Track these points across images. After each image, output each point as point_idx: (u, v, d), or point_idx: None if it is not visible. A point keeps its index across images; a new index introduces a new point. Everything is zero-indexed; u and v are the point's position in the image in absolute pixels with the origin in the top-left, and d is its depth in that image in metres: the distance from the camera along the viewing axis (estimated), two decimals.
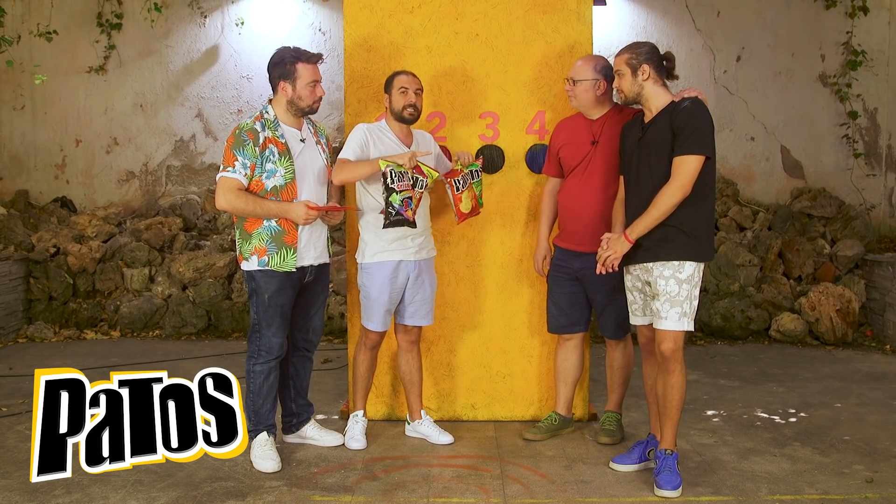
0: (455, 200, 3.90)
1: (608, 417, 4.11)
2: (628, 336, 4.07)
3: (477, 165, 3.97)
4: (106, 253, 7.14)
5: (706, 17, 7.60)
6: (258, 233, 3.62)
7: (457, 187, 3.88)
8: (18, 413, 4.54)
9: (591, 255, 3.80)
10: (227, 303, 6.92)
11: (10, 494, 3.39)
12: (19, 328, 6.79)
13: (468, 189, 3.92)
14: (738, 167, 7.67)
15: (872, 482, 3.52)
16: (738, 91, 7.62)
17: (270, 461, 3.66)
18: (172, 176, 7.91)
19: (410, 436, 4.13)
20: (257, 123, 3.62)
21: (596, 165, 3.84)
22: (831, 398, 4.89)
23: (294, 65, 3.64)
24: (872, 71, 7.52)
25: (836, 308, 6.45)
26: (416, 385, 4.11)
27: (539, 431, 4.09)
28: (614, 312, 3.94)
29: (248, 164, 3.56)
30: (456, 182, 3.88)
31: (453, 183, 3.88)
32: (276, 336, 3.69)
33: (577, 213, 3.90)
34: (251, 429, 3.74)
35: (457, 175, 3.89)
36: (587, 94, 3.84)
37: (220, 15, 7.75)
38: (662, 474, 3.40)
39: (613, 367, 4.10)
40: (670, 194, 3.32)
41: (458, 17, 4.26)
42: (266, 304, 3.65)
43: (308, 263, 3.74)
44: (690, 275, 3.39)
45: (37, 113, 7.87)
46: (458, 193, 3.89)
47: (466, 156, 3.94)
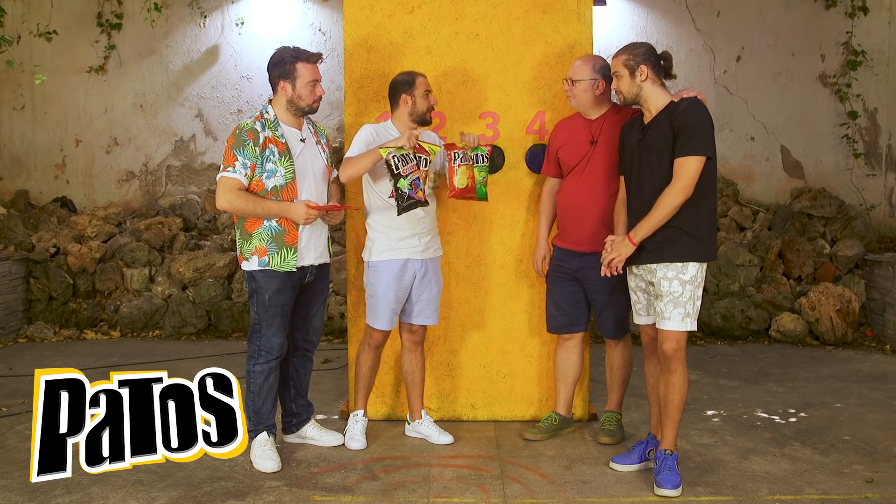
0: (449, 172, 3.81)
1: (608, 417, 4.11)
2: (628, 336, 4.07)
3: (483, 150, 3.87)
4: (106, 253, 7.14)
5: (706, 17, 7.60)
6: (258, 233, 3.62)
7: (454, 159, 3.80)
8: (18, 413, 4.54)
9: (591, 255, 3.81)
10: (227, 303, 6.92)
11: (10, 494, 3.39)
12: (19, 328, 6.79)
13: (467, 167, 3.82)
14: (738, 167, 7.67)
15: (872, 482, 3.52)
16: (738, 91, 7.62)
17: (270, 461, 3.66)
18: (172, 176, 7.91)
19: (410, 436, 4.13)
20: (257, 123, 3.62)
21: (595, 165, 3.84)
22: (831, 398, 4.89)
23: (294, 64, 3.64)
24: (872, 71, 7.52)
25: (836, 308, 6.45)
26: (418, 385, 4.11)
27: (539, 431, 4.09)
28: (614, 312, 3.94)
29: (249, 164, 3.55)
30: (455, 154, 3.81)
31: (452, 155, 3.81)
32: (276, 336, 3.69)
33: (576, 212, 3.90)
34: (251, 429, 3.74)
35: (456, 149, 3.82)
36: (586, 93, 3.84)
37: (220, 15, 7.75)
38: (662, 473, 3.40)
39: (613, 367, 4.10)
40: (673, 196, 3.33)
41: (458, 17, 4.26)
42: (266, 305, 3.65)
43: (308, 263, 3.74)
44: (693, 275, 3.39)
45: (37, 113, 7.87)
46: (454, 165, 3.80)
47: (473, 138, 3.85)
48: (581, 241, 3.89)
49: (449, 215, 4.26)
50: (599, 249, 3.64)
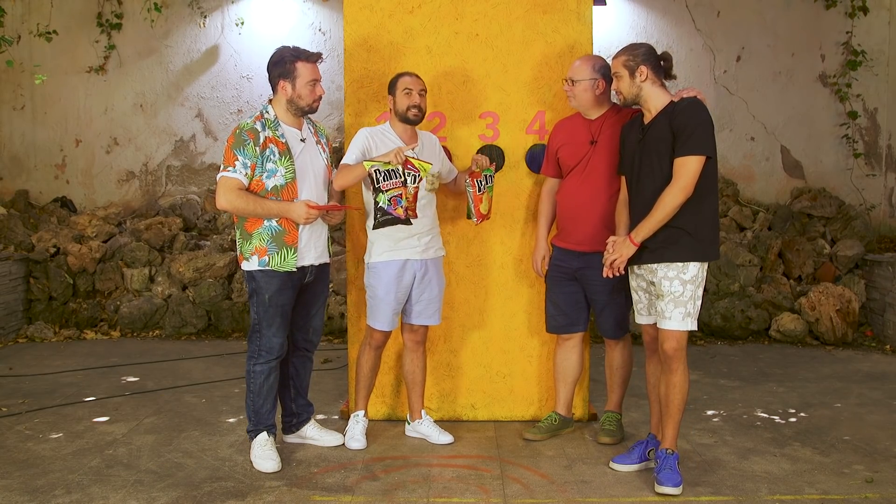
0: (475, 201, 3.94)
1: (608, 417, 4.11)
2: (628, 336, 4.08)
3: (491, 171, 4.00)
4: (106, 253, 7.14)
5: (706, 17, 7.60)
6: (259, 233, 3.62)
7: (479, 188, 3.93)
8: (18, 413, 4.54)
9: (590, 255, 3.81)
10: (227, 303, 6.92)
11: (10, 494, 3.38)
12: (19, 328, 6.78)
13: (486, 192, 3.97)
14: (738, 167, 7.67)
15: (872, 482, 3.52)
16: (738, 91, 7.62)
17: (270, 461, 3.66)
18: (172, 176, 7.90)
19: (410, 436, 4.13)
20: (257, 123, 3.62)
21: (595, 165, 3.85)
22: (831, 398, 4.89)
23: (293, 63, 3.64)
24: (872, 71, 7.51)
25: (836, 308, 6.45)
26: (419, 385, 4.12)
27: (539, 431, 4.09)
28: (613, 312, 3.95)
29: (249, 164, 3.56)
30: (478, 182, 3.93)
31: (475, 183, 3.92)
32: (276, 336, 3.69)
33: (576, 212, 3.90)
34: (251, 429, 3.75)
35: (478, 176, 3.94)
36: (586, 93, 3.84)
37: (220, 15, 7.75)
38: (663, 472, 3.40)
39: (612, 366, 4.10)
40: (674, 196, 3.33)
41: (458, 17, 4.26)
42: (266, 304, 3.65)
43: (308, 263, 3.74)
44: (695, 275, 3.39)
45: (37, 113, 7.87)
46: (480, 194, 3.94)
47: (484, 160, 3.95)
48: (581, 241, 3.89)
49: (449, 215, 4.26)
50: (599, 249, 3.65)
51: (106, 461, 3.77)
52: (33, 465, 3.71)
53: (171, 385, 5.14)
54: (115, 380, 5.31)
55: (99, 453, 3.88)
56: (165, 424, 4.34)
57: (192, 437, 4.12)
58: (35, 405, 4.70)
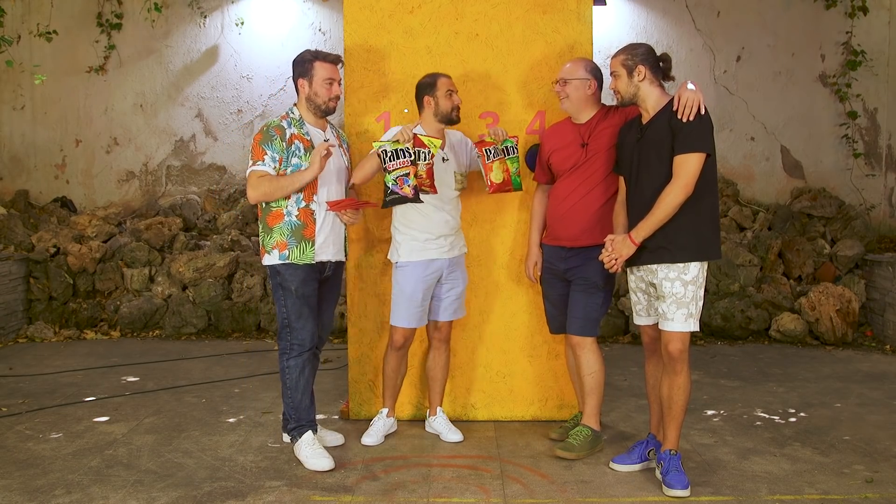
0: (485, 169, 3.93)
1: (578, 431, 3.86)
2: (594, 340, 3.91)
3: (512, 142, 3.98)
4: (106, 253, 7.14)
5: (706, 17, 7.60)
6: (279, 227, 3.71)
7: (487, 156, 3.92)
8: (18, 413, 4.54)
9: (577, 252, 3.81)
10: (227, 303, 6.91)
11: (10, 494, 3.38)
12: (19, 328, 6.79)
13: (500, 161, 3.94)
14: (738, 167, 7.67)
15: (872, 482, 3.52)
16: (738, 91, 7.62)
17: (325, 458, 3.67)
18: (172, 176, 7.91)
19: (428, 431, 4.19)
20: (284, 121, 3.74)
21: (587, 167, 3.83)
22: (831, 398, 4.89)
23: (312, 63, 3.76)
24: (872, 71, 7.52)
25: (836, 308, 6.45)
26: (438, 382, 4.17)
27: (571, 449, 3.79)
28: (584, 306, 3.83)
29: (277, 158, 3.66)
30: (486, 151, 3.92)
31: (484, 152, 3.92)
32: (305, 328, 3.75)
33: (566, 213, 3.86)
34: (293, 427, 3.77)
35: (488, 146, 3.93)
36: (578, 92, 3.83)
37: (220, 15, 7.75)
38: (671, 474, 3.39)
39: (580, 373, 3.92)
40: (674, 194, 3.32)
41: (458, 17, 4.26)
42: (294, 297, 3.72)
43: (327, 259, 3.81)
44: (695, 276, 3.39)
45: (37, 113, 7.88)
46: (489, 162, 3.92)
47: (501, 131, 3.96)
48: (568, 238, 3.85)
49: None
50: (586, 244, 3.64)
51: (106, 461, 3.77)
52: (33, 465, 3.71)
53: (171, 385, 5.14)
54: (115, 380, 5.31)
55: (99, 453, 3.88)
56: (165, 424, 4.34)
57: (192, 437, 4.12)
58: (35, 405, 4.70)
